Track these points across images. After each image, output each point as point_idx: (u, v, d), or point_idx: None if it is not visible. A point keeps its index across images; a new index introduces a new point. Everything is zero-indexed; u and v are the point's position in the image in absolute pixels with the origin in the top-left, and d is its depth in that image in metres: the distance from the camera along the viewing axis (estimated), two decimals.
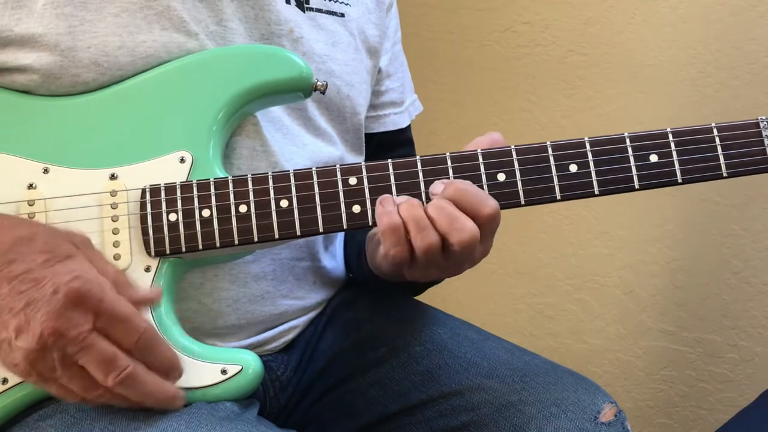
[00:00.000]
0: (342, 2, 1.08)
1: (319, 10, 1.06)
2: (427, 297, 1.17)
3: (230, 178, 0.91)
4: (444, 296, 1.90)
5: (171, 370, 0.85)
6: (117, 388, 0.81)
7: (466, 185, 0.89)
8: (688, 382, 1.77)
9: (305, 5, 1.04)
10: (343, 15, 1.08)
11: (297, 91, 0.96)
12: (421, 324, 1.11)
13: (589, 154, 0.92)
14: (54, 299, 0.77)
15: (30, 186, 0.90)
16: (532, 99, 1.83)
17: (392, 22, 1.19)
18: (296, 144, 1.02)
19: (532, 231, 1.85)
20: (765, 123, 0.93)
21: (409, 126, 1.23)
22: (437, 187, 0.90)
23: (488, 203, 0.88)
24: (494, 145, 0.93)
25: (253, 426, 0.86)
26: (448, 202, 0.88)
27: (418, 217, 0.87)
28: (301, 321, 1.07)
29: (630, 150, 0.92)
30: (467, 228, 0.87)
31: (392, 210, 0.88)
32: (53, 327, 0.77)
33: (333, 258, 1.12)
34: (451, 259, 0.90)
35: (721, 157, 0.93)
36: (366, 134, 1.15)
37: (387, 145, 1.19)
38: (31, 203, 0.90)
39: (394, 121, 1.19)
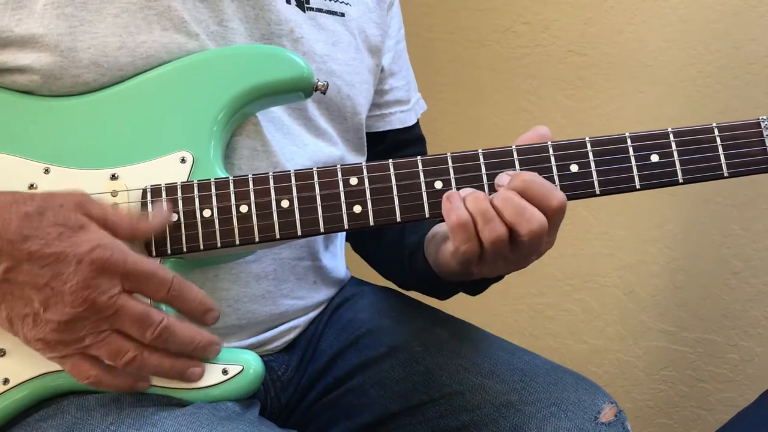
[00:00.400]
0: (342, 2, 1.08)
1: (320, 10, 1.05)
2: (426, 298, 1.17)
3: (231, 178, 0.91)
4: None
5: (206, 310, 0.87)
6: (155, 342, 0.83)
7: (533, 177, 0.88)
8: (688, 382, 1.77)
9: (305, 5, 1.04)
10: (343, 14, 1.08)
11: (298, 91, 0.96)
12: (422, 324, 1.11)
13: (590, 154, 0.92)
14: (80, 270, 0.79)
15: (31, 186, 0.90)
16: (532, 99, 1.83)
17: (394, 21, 1.18)
18: (297, 144, 1.02)
19: None
20: (766, 123, 0.93)
21: (417, 123, 1.23)
22: (503, 178, 0.89)
23: (556, 195, 0.87)
24: (543, 140, 0.93)
25: (254, 426, 0.86)
26: (515, 192, 0.87)
27: (485, 210, 0.86)
28: (302, 321, 1.07)
29: (631, 150, 0.92)
30: (536, 218, 0.86)
31: (459, 206, 0.87)
32: (84, 296, 0.79)
33: (334, 257, 1.12)
34: (519, 251, 0.89)
35: (722, 157, 0.93)
36: (374, 134, 1.16)
37: (399, 144, 1.19)
38: None
39: (401, 119, 1.19)
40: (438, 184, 0.91)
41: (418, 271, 1.07)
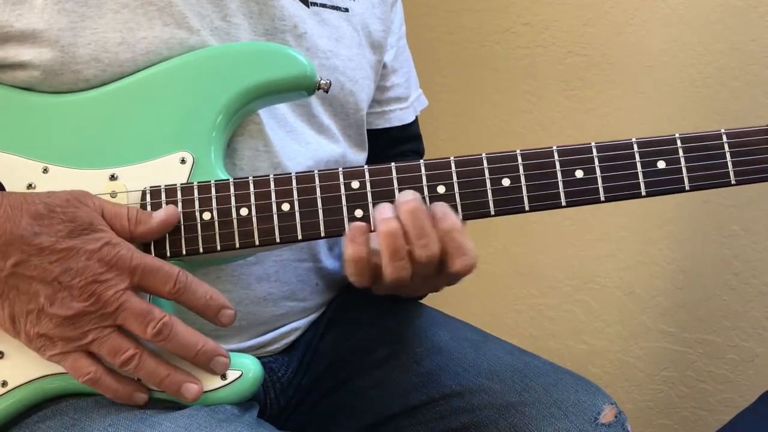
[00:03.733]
0: None
1: (323, 5, 1.05)
2: (427, 298, 1.17)
3: (231, 180, 0.91)
4: (444, 297, 1.89)
5: (219, 307, 0.87)
6: (155, 338, 0.83)
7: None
8: (688, 383, 1.78)
9: (309, 0, 1.04)
10: (347, 10, 1.07)
11: (300, 89, 0.95)
12: (422, 325, 1.10)
13: (596, 160, 0.91)
14: (89, 266, 0.82)
15: (29, 186, 0.90)
16: (532, 100, 1.83)
17: (397, 17, 1.18)
18: (299, 142, 1.02)
19: (532, 232, 1.85)
20: None
21: (415, 121, 1.23)
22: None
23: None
24: None
25: (253, 428, 0.86)
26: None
27: (396, 248, 0.88)
28: (303, 322, 1.07)
29: (637, 156, 0.91)
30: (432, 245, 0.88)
31: (360, 241, 0.89)
32: (92, 290, 0.81)
33: (336, 259, 1.12)
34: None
35: (730, 165, 0.91)
36: (372, 131, 1.15)
37: (394, 142, 1.19)
38: None
39: (399, 116, 1.19)
40: (441, 189, 0.91)
41: None
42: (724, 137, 0.92)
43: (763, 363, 1.70)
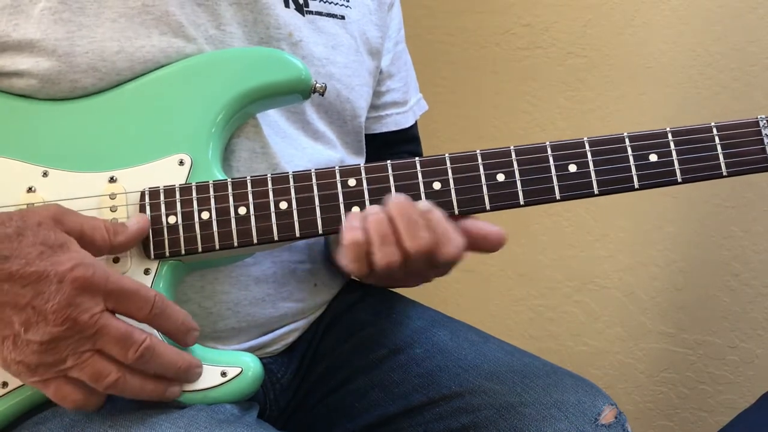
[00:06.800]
0: (342, 4, 1.08)
1: (319, 13, 1.05)
2: (427, 298, 1.17)
3: (229, 180, 0.91)
4: (444, 298, 1.90)
5: (188, 330, 0.86)
6: (137, 362, 0.81)
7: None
8: (688, 384, 1.77)
9: (305, 8, 1.04)
10: (343, 17, 1.07)
11: (296, 93, 0.96)
12: (422, 326, 1.10)
13: (589, 154, 0.92)
14: (61, 289, 0.78)
15: (29, 189, 0.90)
16: (532, 101, 1.83)
17: (394, 22, 1.18)
18: (295, 147, 1.02)
19: (532, 233, 1.85)
20: (764, 122, 0.93)
21: (414, 125, 1.23)
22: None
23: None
24: None
25: (253, 429, 0.86)
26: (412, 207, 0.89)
27: (384, 234, 0.88)
28: (302, 323, 1.07)
29: (629, 150, 0.92)
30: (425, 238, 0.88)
31: (357, 226, 0.89)
32: (66, 314, 0.78)
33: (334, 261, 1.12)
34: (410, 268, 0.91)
35: (721, 156, 0.92)
36: (368, 135, 1.15)
37: (390, 143, 1.19)
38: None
39: (396, 121, 1.19)
40: (436, 185, 0.92)
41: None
42: (714, 130, 0.93)
43: (763, 364, 1.70)
